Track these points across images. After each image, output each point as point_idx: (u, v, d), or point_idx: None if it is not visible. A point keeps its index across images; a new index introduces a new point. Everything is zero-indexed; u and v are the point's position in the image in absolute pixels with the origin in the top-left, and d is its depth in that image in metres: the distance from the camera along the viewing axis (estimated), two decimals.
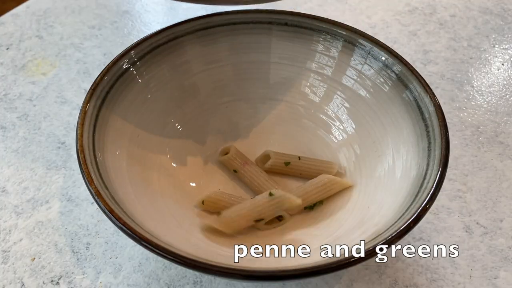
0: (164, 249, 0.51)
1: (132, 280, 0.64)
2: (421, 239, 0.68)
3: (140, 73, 0.74)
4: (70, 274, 0.64)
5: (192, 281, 0.64)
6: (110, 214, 0.54)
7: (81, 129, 0.62)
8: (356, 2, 1.16)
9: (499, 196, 0.74)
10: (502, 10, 1.14)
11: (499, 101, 0.91)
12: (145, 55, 0.75)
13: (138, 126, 0.74)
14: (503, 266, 0.66)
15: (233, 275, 0.50)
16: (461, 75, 0.96)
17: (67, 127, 0.84)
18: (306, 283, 0.64)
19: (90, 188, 0.56)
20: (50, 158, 0.78)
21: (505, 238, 0.69)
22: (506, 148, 0.82)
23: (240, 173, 0.71)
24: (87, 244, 0.67)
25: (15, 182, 0.75)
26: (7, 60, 0.97)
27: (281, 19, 0.81)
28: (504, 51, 1.03)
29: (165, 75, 0.79)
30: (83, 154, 0.59)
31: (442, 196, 0.73)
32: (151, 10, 1.13)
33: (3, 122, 0.84)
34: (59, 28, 1.06)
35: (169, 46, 0.78)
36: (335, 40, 0.78)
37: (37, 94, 0.90)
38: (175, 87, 0.77)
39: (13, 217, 0.70)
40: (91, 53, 0.99)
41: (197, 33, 0.80)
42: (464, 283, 0.64)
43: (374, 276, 0.64)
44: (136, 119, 0.74)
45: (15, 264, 0.65)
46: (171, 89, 0.76)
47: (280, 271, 0.50)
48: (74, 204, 0.72)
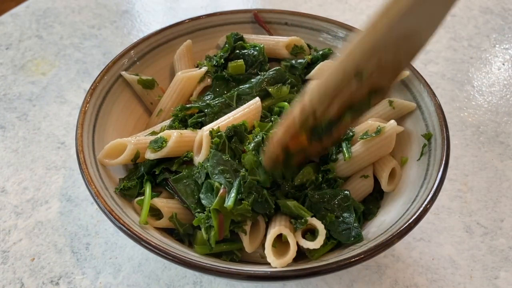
0: (164, 250, 0.51)
1: (132, 281, 0.63)
2: (421, 239, 0.68)
3: (140, 73, 0.74)
4: (69, 274, 0.64)
5: (192, 281, 0.64)
6: (110, 214, 0.54)
7: (80, 129, 0.62)
8: (356, 2, 1.16)
9: (499, 196, 0.74)
10: (503, 10, 1.14)
11: (499, 101, 0.91)
12: (145, 55, 0.76)
13: (138, 125, 0.74)
14: (504, 266, 0.66)
15: (233, 275, 0.49)
16: (461, 75, 0.96)
17: (67, 127, 0.84)
18: (306, 283, 0.64)
19: (90, 188, 0.56)
20: (49, 158, 0.78)
21: (505, 238, 0.69)
22: (506, 148, 0.81)
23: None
24: (87, 244, 0.67)
25: (15, 182, 0.75)
26: (6, 60, 0.97)
27: (281, 19, 0.81)
28: (505, 51, 1.03)
29: (165, 74, 0.79)
30: (83, 154, 0.59)
31: (442, 196, 0.73)
32: (151, 10, 1.13)
33: (3, 122, 0.84)
34: (59, 28, 1.05)
35: (169, 45, 0.78)
36: (335, 40, 0.79)
37: (37, 94, 0.90)
38: None
39: (12, 217, 0.70)
40: (91, 52, 0.99)
41: (197, 33, 0.80)
42: (465, 283, 0.64)
43: (375, 277, 0.64)
44: (136, 119, 0.74)
45: (15, 264, 0.65)
46: None
47: (280, 271, 0.50)
48: (74, 204, 0.72)
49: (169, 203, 0.60)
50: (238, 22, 0.81)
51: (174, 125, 0.67)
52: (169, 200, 0.61)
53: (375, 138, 0.62)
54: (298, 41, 0.76)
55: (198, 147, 0.62)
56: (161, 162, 0.62)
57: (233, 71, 0.73)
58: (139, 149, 0.61)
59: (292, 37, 0.76)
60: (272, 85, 0.71)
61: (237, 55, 0.75)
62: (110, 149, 0.61)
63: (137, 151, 0.61)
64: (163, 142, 0.61)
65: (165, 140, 0.61)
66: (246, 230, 0.56)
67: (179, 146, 0.61)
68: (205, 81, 0.74)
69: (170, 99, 0.71)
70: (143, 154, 0.62)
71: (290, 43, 0.76)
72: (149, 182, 0.61)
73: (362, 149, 0.63)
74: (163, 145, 0.60)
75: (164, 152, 0.60)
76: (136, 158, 0.62)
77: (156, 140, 0.61)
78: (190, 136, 0.63)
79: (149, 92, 0.73)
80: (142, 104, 0.75)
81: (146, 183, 0.61)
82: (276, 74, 0.71)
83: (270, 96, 0.70)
